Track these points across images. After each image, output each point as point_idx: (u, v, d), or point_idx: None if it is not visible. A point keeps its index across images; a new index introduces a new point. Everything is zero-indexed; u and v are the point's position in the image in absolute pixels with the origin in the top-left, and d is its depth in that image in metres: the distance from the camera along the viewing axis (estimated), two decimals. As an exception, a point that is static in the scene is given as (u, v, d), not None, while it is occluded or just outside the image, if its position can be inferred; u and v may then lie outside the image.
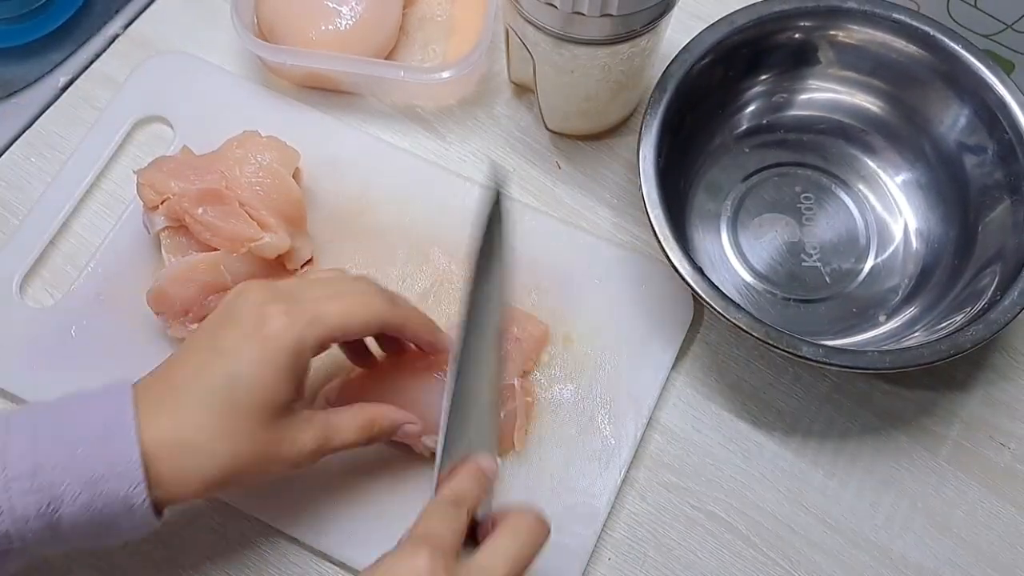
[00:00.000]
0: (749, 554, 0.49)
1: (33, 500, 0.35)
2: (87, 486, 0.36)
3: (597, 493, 0.49)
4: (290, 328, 0.39)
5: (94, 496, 0.36)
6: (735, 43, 0.53)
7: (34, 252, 0.53)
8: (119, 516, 0.37)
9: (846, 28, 0.54)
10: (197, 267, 0.49)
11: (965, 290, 0.51)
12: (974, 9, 0.55)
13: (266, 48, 0.56)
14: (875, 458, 0.52)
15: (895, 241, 0.56)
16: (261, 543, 0.48)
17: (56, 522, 0.36)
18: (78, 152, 0.56)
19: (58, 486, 0.35)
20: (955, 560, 0.50)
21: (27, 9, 0.63)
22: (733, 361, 0.53)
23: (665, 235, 0.48)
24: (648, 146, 0.50)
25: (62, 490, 0.35)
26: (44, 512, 0.35)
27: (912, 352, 0.46)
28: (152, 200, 0.49)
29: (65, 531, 0.36)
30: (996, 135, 0.52)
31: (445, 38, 0.60)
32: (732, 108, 0.57)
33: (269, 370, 0.38)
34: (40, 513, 0.35)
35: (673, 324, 0.53)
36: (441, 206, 0.55)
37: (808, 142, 0.58)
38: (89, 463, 0.36)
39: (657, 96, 0.51)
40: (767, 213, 0.56)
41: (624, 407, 0.51)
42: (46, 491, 0.35)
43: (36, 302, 0.53)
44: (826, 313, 0.54)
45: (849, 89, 0.57)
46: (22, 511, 0.35)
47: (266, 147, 0.51)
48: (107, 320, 0.51)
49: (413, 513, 0.40)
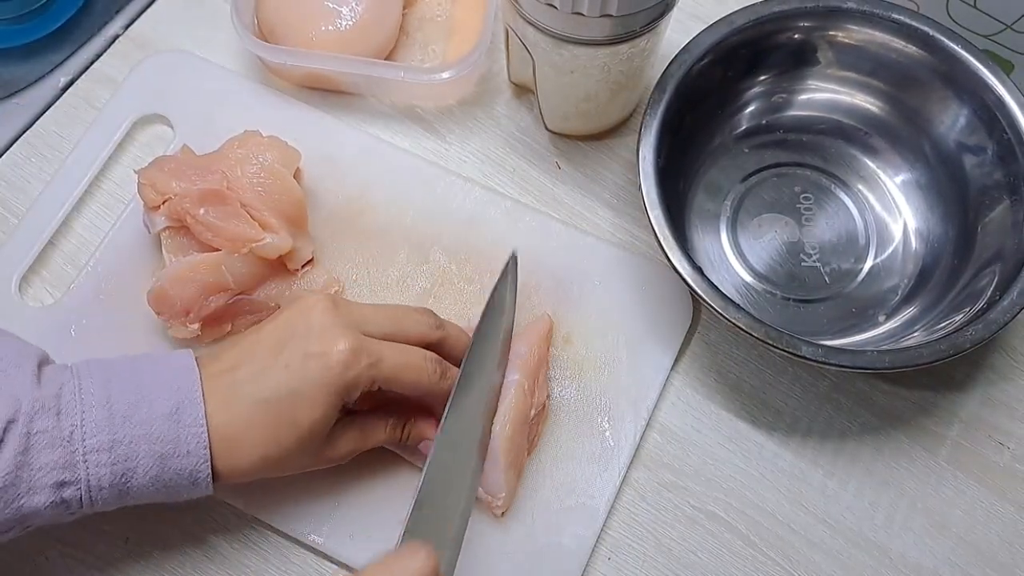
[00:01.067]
0: (749, 554, 0.49)
1: (108, 472, 0.38)
2: (158, 461, 0.39)
3: (596, 493, 0.49)
4: (352, 364, 0.41)
5: (163, 470, 0.39)
6: (734, 43, 0.53)
7: (33, 251, 0.53)
8: (182, 487, 0.40)
9: (845, 28, 0.54)
10: (198, 267, 0.49)
11: (964, 290, 0.51)
12: (974, 9, 0.55)
13: (266, 48, 0.56)
14: (875, 458, 0.52)
15: (894, 241, 0.56)
16: (261, 543, 0.48)
17: (126, 490, 0.39)
18: (77, 150, 0.56)
19: (132, 459, 0.38)
20: (954, 560, 0.50)
21: (27, 9, 0.63)
22: (732, 361, 0.53)
23: (665, 235, 0.48)
24: (648, 146, 0.50)
25: (135, 463, 0.38)
26: (117, 482, 0.38)
27: (911, 352, 0.46)
28: (153, 200, 0.49)
29: (131, 498, 0.40)
30: (995, 135, 0.52)
31: (445, 38, 0.60)
32: (731, 108, 0.57)
33: (323, 394, 0.41)
34: (113, 483, 0.38)
35: (672, 325, 0.53)
36: (441, 206, 0.56)
37: (807, 142, 0.58)
38: (161, 440, 0.39)
39: (657, 96, 0.51)
40: (766, 213, 0.56)
41: (623, 408, 0.51)
42: (121, 464, 0.38)
43: (36, 301, 0.53)
44: (825, 313, 0.54)
45: (848, 89, 0.57)
46: (97, 481, 0.38)
47: (267, 147, 0.51)
48: (107, 320, 0.52)
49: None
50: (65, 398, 0.38)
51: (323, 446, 0.43)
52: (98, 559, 0.48)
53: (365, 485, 0.49)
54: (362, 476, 0.49)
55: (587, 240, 0.55)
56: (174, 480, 0.39)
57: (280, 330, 0.42)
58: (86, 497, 0.38)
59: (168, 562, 0.48)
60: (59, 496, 0.38)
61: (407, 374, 0.43)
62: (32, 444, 0.37)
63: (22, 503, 0.37)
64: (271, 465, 0.41)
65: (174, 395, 0.40)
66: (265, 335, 0.43)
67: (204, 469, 0.40)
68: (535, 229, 0.55)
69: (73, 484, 0.38)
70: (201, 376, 0.41)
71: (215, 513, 0.49)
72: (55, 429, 0.37)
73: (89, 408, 0.38)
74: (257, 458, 0.41)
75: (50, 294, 0.53)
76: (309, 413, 0.41)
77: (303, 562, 0.48)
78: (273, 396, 0.40)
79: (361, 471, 0.49)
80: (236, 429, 0.40)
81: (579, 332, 0.53)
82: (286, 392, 0.40)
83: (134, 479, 0.39)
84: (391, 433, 0.45)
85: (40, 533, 0.47)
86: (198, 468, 0.40)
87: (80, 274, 0.53)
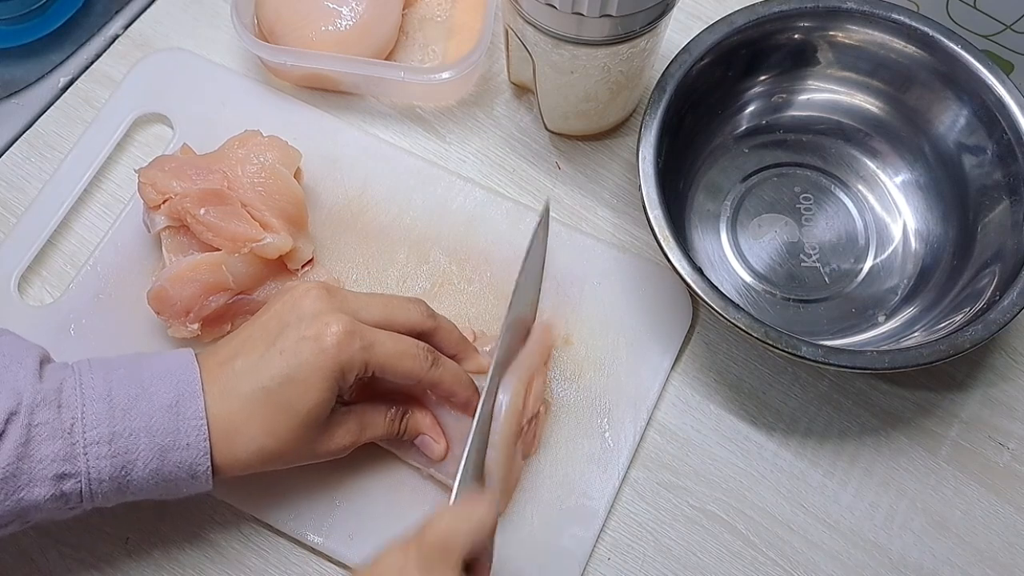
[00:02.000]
0: (748, 554, 0.49)
1: (108, 464, 0.38)
2: (158, 453, 0.39)
3: (596, 495, 0.49)
4: (345, 346, 0.41)
5: (163, 463, 0.39)
6: (734, 44, 0.53)
7: (32, 250, 0.53)
8: (182, 481, 0.40)
9: (845, 29, 0.54)
10: (198, 267, 0.49)
11: (964, 290, 0.51)
12: (973, 10, 0.55)
13: (266, 49, 0.56)
14: (874, 458, 0.52)
15: (894, 241, 0.56)
16: (261, 543, 0.48)
17: (126, 484, 0.39)
18: (77, 150, 0.56)
19: (132, 452, 0.39)
20: (954, 560, 0.50)
21: (27, 9, 0.63)
22: (732, 361, 0.53)
23: (664, 235, 0.48)
24: (648, 146, 0.50)
25: (135, 456, 0.39)
26: (117, 475, 0.39)
27: (911, 352, 0.46)
28: (153, 200, 0.49)
29: (131, 492, 0.40)
30: (995, 136, 0.52)
31: (445, 38, 0.60)
32: (731, 109, 0.57)
33: (318, 377, 0.41)
34: (113, 476, 0.39)
35: (672, 325, 0.53)
36: (441, 206, 0.56)
37: (807, 143, 0.58)
38: (161, 433, 0.39)
39: (656, 97, 0.51)
40: (766, 213, 0.56)
41: (623, 408, 0.51)
42: (121, 456, 0.39)
43: (35, 300, 0.53)
44: (825, 313, 0.54)
45: (848, 90, 0.57)
46: (97, 474, 0.38)
47: (268, 147, 0.51)
48: (106, 320, 0.52)
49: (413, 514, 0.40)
50: (66, 392, 0.39)
51: (321, 437, 0.43)
52: (98, 559, 0.48)
53: (364, 485, 0.49)
54: (364, 478, 0.49)
55: (587, 241, 0.55)
56: (174, 473, 0.40)
57: (274, 318, 0.43)
58: (86, 490, 0.38)
59: (168, 562, 0.48)
60: (59, 489, 0.38)
61: (400, 361, 0.43)
62: (33, 436, 0.37)
63: (22, 495, 0.37)
64: (270, 456, 0.41)
65: (174, 388, 0.40)
66: (259, 325, 0.43)
67: (204, 462, 0.40)
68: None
69: (73, 476, 0.38)
70: (201, 366, 0.41)
71: (215, 513, 0.49)
72: (56, 421, 0.38)
73: (90, 401, 0.38)
74: (256, 448, 0.41)
75: (49, 294, 0.53)
76: (306, 398, 0.41)
77: (303, 562, 0.48)
78: (270, 383, 0.41)
79: (360, 471, 0.49)
80: (235, 420, 0.40)
81: (579, 333, 0.53)
82: (282, 378, 0.40)
83: (134, 472, 0.39)
84: (389, 426, 0.45)
85: (40, 533, 0.48)
86: (197, 461, 0.40)
87: (79, 274, 0.53)
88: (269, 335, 0.42)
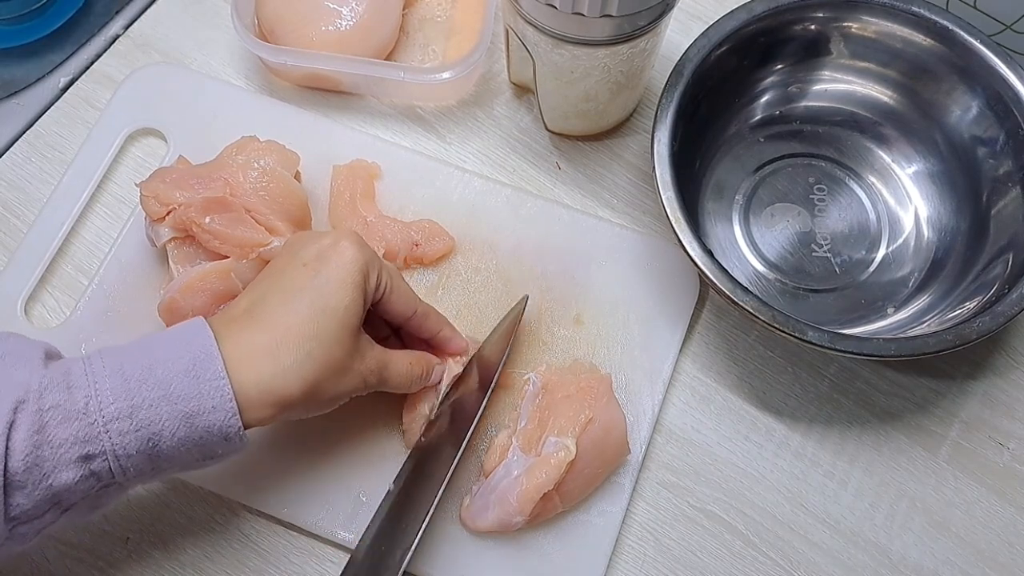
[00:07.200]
0: (749, 554, 0.49)
1: (133, 439, 0.37)
2: (184, 421, 0.38)
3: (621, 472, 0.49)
4: (363, 246, 0.44)
5: (192, 430, 0.38)
6: (752, 31, 0.53)
7: (36, 274, 0.53)
8: (216, 444, 0.39)
9: (862, 20, 0.54)
10: (208, 276, 0.48)
11: (977, 279, 0.51)
12: (973, 9, 0.55)
13: (266, 49, 0.56)
14: (874, 458, 0.52)
15: (906, 230, 0.56)
16: (261, 542, 0.49)
17: (156, 456, 0.38)
18: (72, 169, 0.55)
19: (156, 423, 0.38)
20: (954, 559, 0.50)
21: (27, 9, 0.63)
22: (732, 362, 0.53)
23: (676, 217, 0.48)
24: (663, 129, 0.50)
25: (160, 427, 0.38)
26: (144, 448, 0.38)
27: (918, 341, 0.46)
28: (157, 212, 0.49)
29: (165, 462, 0.39)
30: (1008, 126, 0.52)
31: (445, 39, 0.61)
32: (747, 97, 0.57)
33: (347, 272, 0.43)
34: (141, 450, 0.38)
35: (680, 303, 0.53)
36: (442, 198, 0.56)
37: (822, 133, 0.58)
38: (183, 399, 0.38)
39: (674, 80, 0.51)
40: (779, 203, 0.56)
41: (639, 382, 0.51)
42: (145, 429, 0.37)
43: (43, 323, 0.53)
44: (835, 303, 0.54)
45: (863, 80, 0.57)
46: (124, 450, 0.37)
47: (266, 151, 0.51)
48: (117, 337, 0.51)
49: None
50: (75, 374, 0.38)
51: (355, 353, 0.43)
52: (98, 559, 0.48)
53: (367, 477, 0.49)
54: (363, 468, 0.49)
55: (589, 221, 0.55)
56: (205, 439, 0.39)
57: (285, 251, 0.45)
58: (116, 466, 0.37)
59: (168, 562, 0.48)
60: (87, 469, 0.37)
61: (400, 281, 0.46)
62: (47, 421, 0.36)
63: (51, 482, 0.36)
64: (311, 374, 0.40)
65: (187, 352, 0.39)
66: (266, 272, 0.44)
67: (234, 423, 0.39)
68: (537, 216, 0.55)
69: (99, 456, 0.37)
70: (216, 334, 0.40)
71: (215, 513, 0.49)
72: (67, 403, 0.37)
73: (102, 378, 0.38)
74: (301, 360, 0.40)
75: (57, 316, 0.53)
76: (341, 294, 0.42)
77: (303, 562, 0.48)
78: (304, 287, 0.42)
79: (362, 462, 0.49)
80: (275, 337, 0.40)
81: (589, 312, 0.53)
82: (313, 281, 0.42)
83: (162, 443, 0.38)
84: (410, 368, 0.47)
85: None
86: (227, 423, 0.39)
87: (86, 293, 0.52)
88: (285, 263, 0.43)
